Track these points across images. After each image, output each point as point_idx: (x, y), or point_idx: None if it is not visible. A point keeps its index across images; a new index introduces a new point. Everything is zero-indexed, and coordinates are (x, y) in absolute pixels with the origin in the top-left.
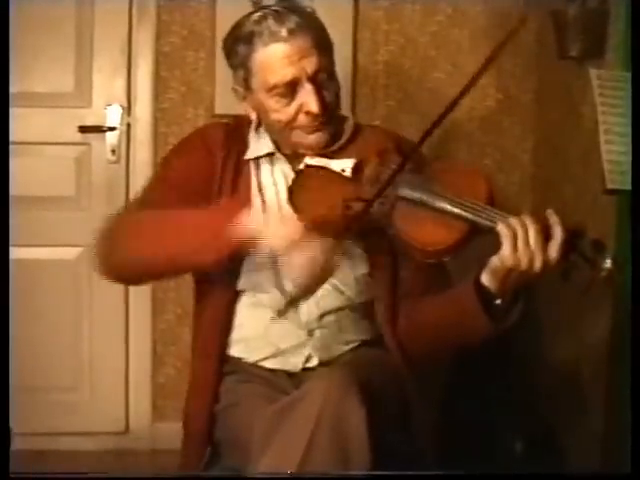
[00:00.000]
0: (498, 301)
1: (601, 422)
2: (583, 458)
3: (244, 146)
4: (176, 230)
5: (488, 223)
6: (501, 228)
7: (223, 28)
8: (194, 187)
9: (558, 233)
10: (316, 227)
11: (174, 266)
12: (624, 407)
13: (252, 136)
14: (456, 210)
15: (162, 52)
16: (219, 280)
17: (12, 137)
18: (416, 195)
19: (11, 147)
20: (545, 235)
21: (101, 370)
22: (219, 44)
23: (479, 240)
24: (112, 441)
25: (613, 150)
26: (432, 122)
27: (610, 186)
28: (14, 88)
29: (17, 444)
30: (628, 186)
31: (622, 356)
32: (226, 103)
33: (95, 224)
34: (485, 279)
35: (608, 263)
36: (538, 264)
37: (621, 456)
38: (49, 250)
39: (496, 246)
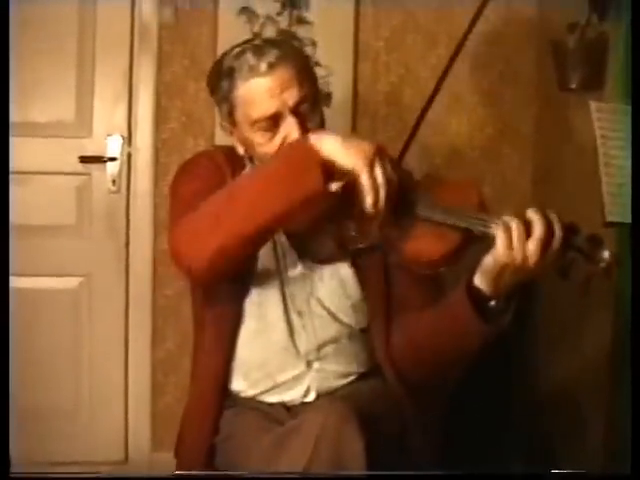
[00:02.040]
0: (492, 302)
1: (601, 436)
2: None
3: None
4: (257, 185)
5: (482, 229)
6: (495, 228)
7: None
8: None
9: (558, 229)
10: (311, 247)
11: (272, 219)
12: (625, 417)
13: (247, 164)
14: (449, 219)
15: (163, 82)
16: (220, 310)
17: (13, 166)
18: (409, 208)
19: (12, 176)
20: (541, 231)
21: (101, 399)
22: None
23: (475, 250)
24: (111, 470)
25: (613, 183)
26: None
27: (610, 219)
28: (15, 117)
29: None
30: (628, 219)
31: (623, 366)
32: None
33: (96, 253)
34: (478, 280)
35: (606, 254)
36: (533, 260)
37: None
38: (49, 279)
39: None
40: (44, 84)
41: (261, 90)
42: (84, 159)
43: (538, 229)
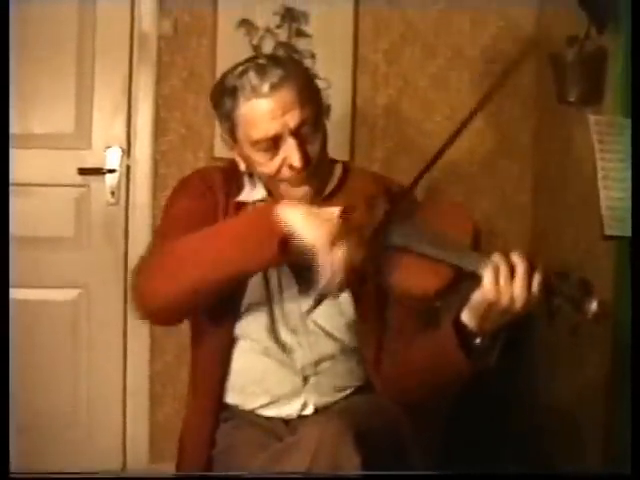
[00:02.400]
0: (477, 340)
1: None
2: None
3: (240, 190)
4: (217, 242)
5: (473, 268)
6: (483, 266)
7: (223, 71)
8: (199, 223)
9: (540, 272)
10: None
11: (225, 278)
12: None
13: (246, 181)
14: (442, 255)
15: (162, 94)
16: (215, 326)
17: (12, 178)
18: (403, 242)
19: (11, 188)
20: (528, 274)
21: (99, 410)
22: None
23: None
24: None
25: (611, 196)
26: (425, 165)
27: (608, 232)
28: (14, 129)
29: None
30: (626, 232)
31: (620, 394)
32: (225, 146)
33: (94, 265)
34: (465, 317)
35: (594, 305)
36: (519, 301)
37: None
38: (48, 291)
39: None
40: (43, 95)
41: (262, 111)
42: (83, 171)
43: (521, 270)
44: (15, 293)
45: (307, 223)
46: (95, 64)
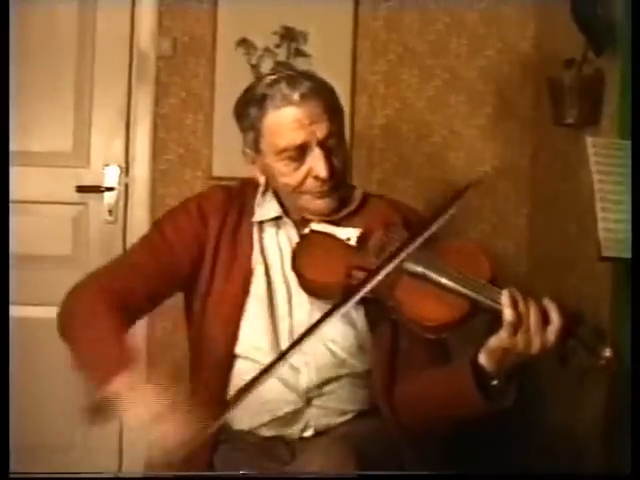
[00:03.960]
0: (494, 382)
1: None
2: None
3: (245, 210)
4: (83, 344)
5: (490, 303)
6: (505, 310)
7: (221, 91)
8: (177, 258)
9: (557, 319)
10: (316, 292)
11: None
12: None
13: (258, 200)
14: (458, 287)
15: (160, 114)
16: (214, 344)
17: (10, 196)
18: (419, 269)
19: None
20: (544, 318)
21: (95, 431)
22: (218, 106)
23: (480, 318)
24: None
25: (609, 218)
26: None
27: (606, 254)
28: (12, 147)
29: None
30: (624, 254)
31: (619, 428)
32: (224, 165)
33: None
34: (482, 359)
35: (607, 352)
36: (536, 348)
37: None
38: (45, 309)
39: (496, 324)
40: (42, 113)
41: (291, 119)
42: (81, 189)
43: (557, 318)
44: (12, 310)
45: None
46: (94, 83)
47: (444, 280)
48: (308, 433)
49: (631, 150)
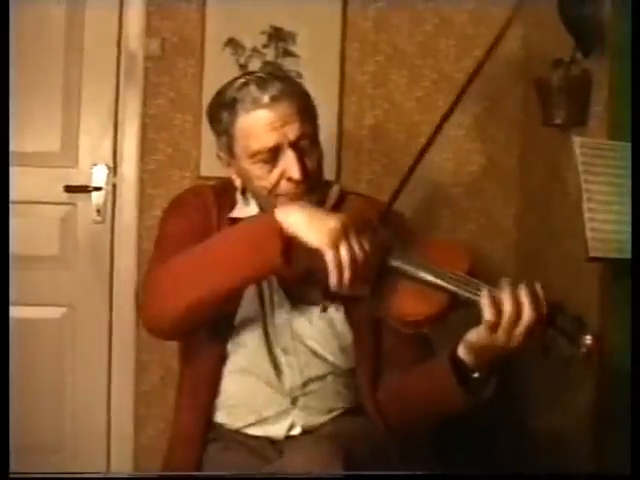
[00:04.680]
0: (476, 374)
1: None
2: None
3: (226, 209)
4: (220, 252)
5: (469, 295)
6: (483, 300)
7: (210, 91)
8: (195, 240)
9: (535, 310)
10: (297, 290)
11: (235, 286)
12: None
13: (239, 198)
14: (437, 281)
15: (149, 114)
16: (207, 344)
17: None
18: (397, 264)
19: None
20: (526, 313)
21: (84, 431)
22: (206, 107)
23: (461, 313)
24: None
25: (596, 218)
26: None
27: (593, 254)
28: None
29: None
30: (612, 254)
31: (608, 423)
32: (212, 165)
33: (80, 284)
34: (462, 352)
35: (588, 339)
36: (516, 341)
37: None
38: (33, 309)
39: (476, 317)
40: (30, 113)
41: (262, 122)
42: (69, 189)
43: (527, 315)
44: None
45: (310, 225)
46: (82, 83)
47: (422, 274)
48: (294, 432)
49: (631, 152)
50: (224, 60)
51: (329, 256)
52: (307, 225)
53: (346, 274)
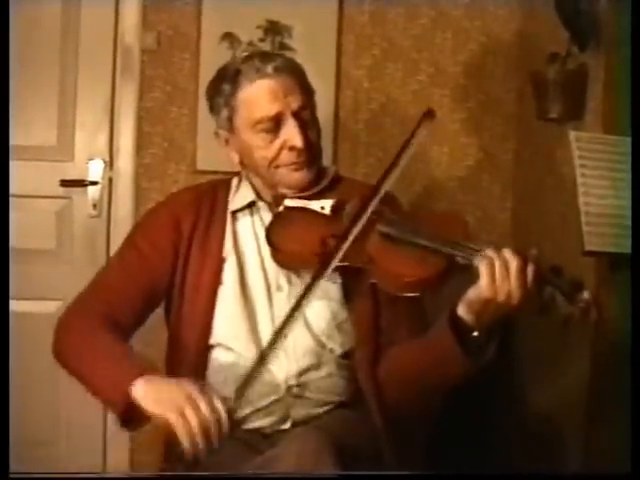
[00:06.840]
0: (475, 333)
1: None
2: None
3: (217, 206)
4: (91, 363)
5: (465, 258)
6: (480, 260)
7: (206, 84)
8: (156, 273)
9: (534, 265)
10: (291, 264)
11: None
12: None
13: (232, 192)
14: (434, 245)
15: (145, 107)
16: (191, 334)
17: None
18: (393, 231)
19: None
20: (522, 267)
21: (78, 424)
22: (202, 100)
23: (458, 281)
24: None
25: (592, 212)
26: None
27: (588, 248)
28: None
29: None
30: (607, 248)
31: (602, 396)
32: (208, 159)
33: (75, 278)
34: (461, 311)
35: (585, 295)
36: (515, 297)
37: None
38: (29, 303)
39: (474, 282)
40: (26, 107)
41: (265, 91)
42: (65, 183)
43: (516, 266)
44: None
45: (153, 397)
46: (78, 76)
47: (419, 239)
48: (287, 425)
49: (631, 147)
50: (220, 54)
51: (174, 423)
52: (151, 397)
53: (198, 437)
